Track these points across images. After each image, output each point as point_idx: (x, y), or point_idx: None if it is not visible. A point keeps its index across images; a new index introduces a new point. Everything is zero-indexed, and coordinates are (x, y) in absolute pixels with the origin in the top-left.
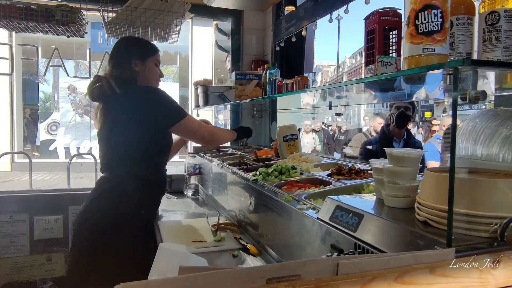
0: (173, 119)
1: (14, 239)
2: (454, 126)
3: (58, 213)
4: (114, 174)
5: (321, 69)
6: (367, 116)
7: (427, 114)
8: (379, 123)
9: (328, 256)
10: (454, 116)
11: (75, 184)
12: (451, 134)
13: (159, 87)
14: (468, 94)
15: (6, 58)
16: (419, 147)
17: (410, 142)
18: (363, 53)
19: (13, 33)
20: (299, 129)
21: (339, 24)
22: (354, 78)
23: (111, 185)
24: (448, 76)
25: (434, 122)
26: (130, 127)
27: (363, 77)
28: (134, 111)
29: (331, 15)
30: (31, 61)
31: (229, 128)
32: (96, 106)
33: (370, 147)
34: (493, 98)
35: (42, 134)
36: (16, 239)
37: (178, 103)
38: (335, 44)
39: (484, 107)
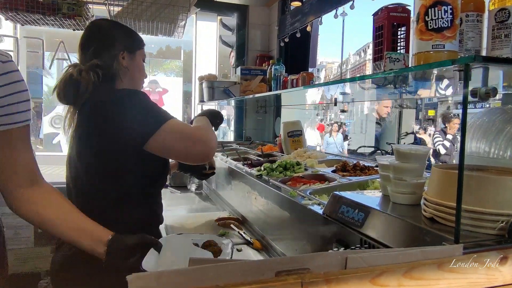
0: (151, 126)
1: (18, 230)
2: (463, 123)
3: None
4: None
5: (324, 66)
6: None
7: (431, 112)
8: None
9: (334, 251)
10: (464, 113)
11: None
12: (461, 131)
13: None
14: (478, 91)
15: (11, 51)
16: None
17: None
18: (367, 50)
19: (18, 26)
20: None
21: (343, 21)
22: (360, 75)
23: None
24: (458, 72)
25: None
26: (104, 149)
27: (367, 74)
28: (112, 125)
29: (336, 10)
30: (37, 54)
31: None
32: (65, 111)
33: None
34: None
35: (46, 127)
36: (21, 230)
37: (181, 97)
38: (339, 40)
39: (488, 105)
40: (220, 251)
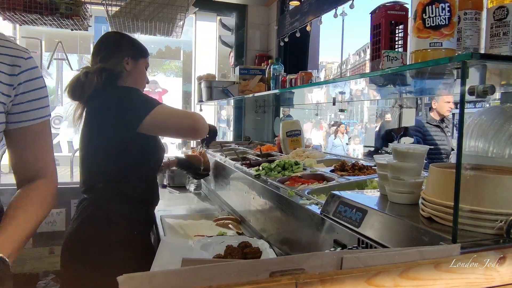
0: (141, 112)
1: None
2: (461, 122)
3: (61, 206)
4: (95, 195)
5: (324, 66)
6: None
7: None
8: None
9: (331, 250)
10: (462, 112)
11: (78, 178)
12: (458, 130)
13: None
14: (476, 89)
15: None
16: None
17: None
18: (367, 50)
19: (17, 26)
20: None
21: (343, 21)
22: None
23: (94, 208)
24: (456, 70)
25: None
26: (107, 134)
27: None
28: (110, 114)
29: (336, 10)
30: (35, 54)
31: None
32: (74, 107)
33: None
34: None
35: None
36: None
37: (181, 98)
38: (339, 40)
39: (487, 105)
40: (258, 251)
